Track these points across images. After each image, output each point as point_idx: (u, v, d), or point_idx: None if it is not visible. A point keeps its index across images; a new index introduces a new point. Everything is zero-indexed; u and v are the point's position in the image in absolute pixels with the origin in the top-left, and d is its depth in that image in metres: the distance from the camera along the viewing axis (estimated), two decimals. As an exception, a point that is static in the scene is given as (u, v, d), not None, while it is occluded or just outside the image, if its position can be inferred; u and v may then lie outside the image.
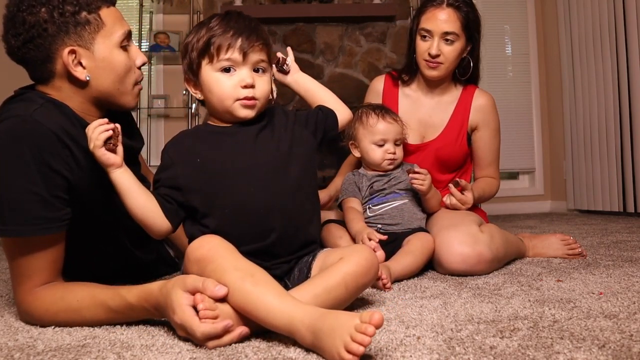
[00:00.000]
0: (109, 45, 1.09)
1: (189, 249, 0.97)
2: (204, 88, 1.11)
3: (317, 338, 0.79)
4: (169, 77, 3.87)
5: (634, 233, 2.29)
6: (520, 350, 0.80)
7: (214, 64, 1.07)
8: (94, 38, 1.07)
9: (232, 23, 1.08)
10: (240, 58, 1.07)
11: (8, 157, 0.98)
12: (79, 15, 1.05)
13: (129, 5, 3.91)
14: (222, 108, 1.10)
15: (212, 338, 0.84)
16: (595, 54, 3.46)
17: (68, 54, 1.05)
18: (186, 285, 0.88)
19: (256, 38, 1.08)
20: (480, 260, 1.41)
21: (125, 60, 1.12)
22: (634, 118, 3.17)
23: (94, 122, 1.02)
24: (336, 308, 0.98)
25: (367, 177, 1.62)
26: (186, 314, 0.86)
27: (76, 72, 1.06)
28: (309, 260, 1.11)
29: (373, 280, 1.06)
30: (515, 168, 4.08)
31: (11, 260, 1.04)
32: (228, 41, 1.06)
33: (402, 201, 1.57)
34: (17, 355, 0.85)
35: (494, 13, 4.08)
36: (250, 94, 1.07)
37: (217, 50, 1.06)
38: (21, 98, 1.06)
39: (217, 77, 1.08)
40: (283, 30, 3.62)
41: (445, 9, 1.63)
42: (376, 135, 1.58)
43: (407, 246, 1.47)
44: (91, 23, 1.07)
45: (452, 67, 1.70)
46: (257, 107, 1.10)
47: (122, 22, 1.13)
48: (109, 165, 1.02)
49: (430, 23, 1.64)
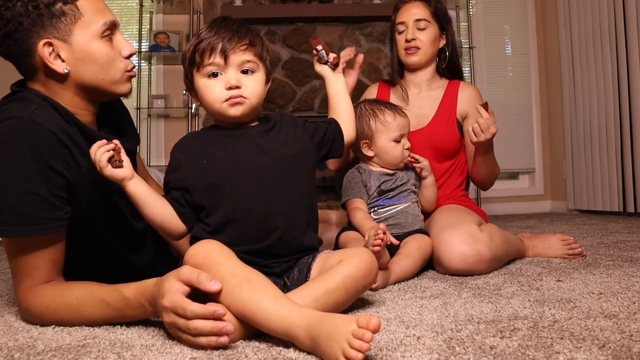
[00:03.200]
0: (87, 36, 1.07)
1: (186, 255, 0.98)
2: (198, 95, 1.13)
3: (315, 343, 0.79)
4: (169, 77, 3.88)
5: (634, 233, 2.29)
6: (520, 350, 0.80)
7: (200, 70, 1.10)
8: (71, 29, 1.05)
9: (215, 28, 1.10)
10: (223, 61, 1.08)
11: (8, 158, 0.98)
12: (54, 6, 1.03)
13: (129, 5, 3.91)
14: (213, 112, 1.13)
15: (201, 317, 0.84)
16: (595, 54, 3.46)
17: (43, 47, 1.03)
18: (180, 275, 0.88)
19: (238, 40, 1.09)
20: (480, 259, 1.41)
21: (107, 51, 1.09)
22: (634, 118, 3.17)
23: (93, 146, 1.01)
24: (336, 310, 0.98)
25: (374, 175, 1.59)
26: (176, 295, 0.86)
27: (54, 65, 1.05)
28: (308, 260, 1.11)
29: (373, 282, 1.06)
30: (515, 168, 4.08)
31: (12, 260, 1.04)
32: (210, 46, 1.08)
33: (406, 204, 1.57)
34: (17, 355, 0.85)
35: (494, 13, 4.08)
36: (234, 94, 1.09)
37: (201, 56, 1.09)
38: (17, 97, 1.06)
39: (205, 83, 1.11)
40: (283, 30, 3.62)
41: (414, 2, 1.81)
42: (395, 131, 1.57)
43: (404, 248, 1.46)
44: (67, 14, 1.04)
45: (430, 53, 1.80)
46: (248, 105, 1.11)
47: (104, 12, 1.10)
48: (121, 180, 1.02)
49: (403, 16, 1.81)
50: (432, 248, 1.48)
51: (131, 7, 3.89)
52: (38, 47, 1.03)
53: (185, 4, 3.79)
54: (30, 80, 1.10)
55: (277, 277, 1.11)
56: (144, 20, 3.75)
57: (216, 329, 0.84)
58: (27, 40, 1.03)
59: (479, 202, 3.73)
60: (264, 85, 1.14)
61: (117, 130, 1.22)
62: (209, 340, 0.84)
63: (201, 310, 0.84)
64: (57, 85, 1.08)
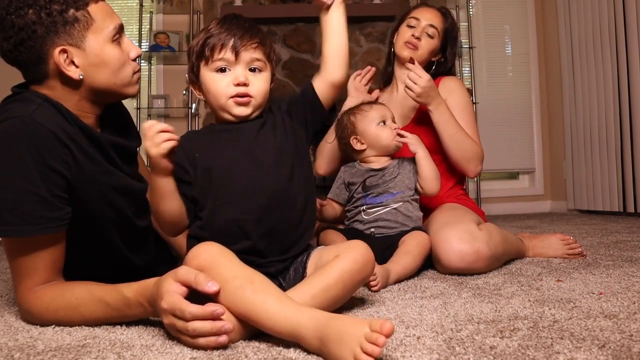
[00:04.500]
0: (100, 41, 1.08)
1: (187, 256, 0.98)
2: (203, 89, 1.14)
3: (324, 345, 0.78)
4: (169, 77, 3.88)
5: (634, 233, 2.29)
6: (520, 350, 0.80)
7: (209, 64, 1.11)
8: (85, 35, 1.06)
9: (226, 25, 1.11)
10: (233, 57, 1.09)
11: (7, 158, 0.98)
12: (67, 13, 1.03)
13: (129, 5, 3.91)
14: (218, 106, 1.13)
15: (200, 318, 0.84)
16: (595, 54, 3.46)
17: (59, 54, 1.04)
18: (177, 276, 0.88)
19: (249, 37, 1.10)
20: (478, 257, 1.42)
21: (119, 55, 1.11)
22: (634, 118, 3.17)
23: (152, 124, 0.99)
24: (334, 306, 0.99)
25: (360, 171, 1.62)
26: (174, 297, 0.86)
27: (69, 71, 1.05)
28: (303, 259, 1.11)
29: (370, 276, 1.07)
30: (515, 168, 4.08)
31: (12, 260, 1.04)
32: (221, 41, 1.09)
33: (397, 204, 1.56)
34: (17, 355, 0.85)
35: (494, 13, 4.08)
36: (241, 91, 1.10)
37: (211, 51, 1.10)
38: (18, 98, 1.06)
39: (212, 77, 1.11)
40: (283, 30, 3.62)
41: (435, 10, 1.85)
42: (376, 116, 1.61)
43: (403, 246, 1.46)
44: (80, 20, 1.05)
45: (424, 59, 1.82)
46: (254, 105, 1.12)
47: (112, 16, 1.11)
48: (167, 169, 1.03)
49: (420, 13, 1.84)
50: (430, 244, 1.48)
51: (131, 7, 3.89)
52: (54, 55, 1.03)
53: (185, 4, 3.79)
54: (37, 84, 1.10)
55: (272, 277, 1.09)
56: (144, 20, 3.74)
57: (215, 329, 0.84)
58: (40, 47, 1.03)
59: (478, 202, 3.73)
60: (269, 85, 1.15)
61: (119, 130, 1.22)
62: (208, 341, 0.84)
63: (199, 312, 0.84)
64: (67, 89, 1.09)
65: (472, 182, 3.81)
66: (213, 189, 1.09)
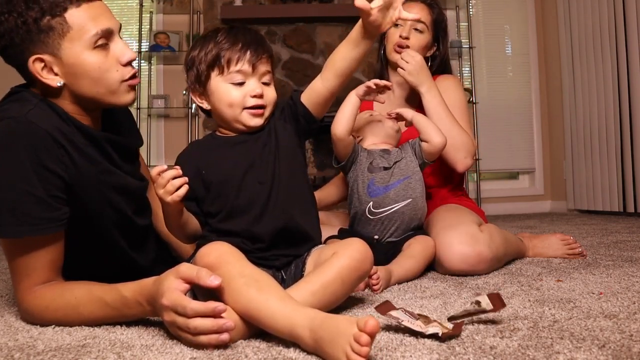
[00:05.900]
0: (77, 50, 1.03)
1: (197, 255, 0.99)
2: (213, 98, 1.16)
3: (319, 345, 0.79)
4: (169, 77, 3.88)
5: (634, 233, 2.30)
6: (520, 350, 0.80)
7: (224, 75, 1.14)
8: (60, 44, 1.02)
9: (239, 36, 1.14)
10: (250, 70, 1.13)
11: (4, 158, 0.98)
12: (42, 21, 1.01)
13: (129, 5, 3.91)
14: (231, 116, 1.15)
15: (201, 315, 0.84)
16: (595, 54, 3.47)
17: (33, 63, 1.02)
18: (179, 273, 0.88)
19: (263, 50, 1.15)
20: (480, 259, 1.42)
21: (99, 62, 1.05)
22: (634, 118, 3.17)
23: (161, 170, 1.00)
24: (334, 303, 1.01)
25: (369, 152, 1.57)
26: (175, 294, 0.86)
27: (47, 79, 1.04)
28: (304, 256, 1.14)
29: (368, 272, 1.08)
30: (515, 168, 4.09)
31: (11, 260, 1.04)
32: (237, 54, 1.12)
33: (405, 202, 1.52)
34: (17, 355, 0.85)
35: (494, 13, 4.09)
36: (259, 102, 1.14)
37: (227, 62, 1.13)
38: (15, 98, 1.06)
39: (227, 88, 1.14)
40: (283, 30, 3.62)
41: (420, 4, 1.79)
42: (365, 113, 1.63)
43: (408, 250, 1.46)
44: (55, 28, 1.01)
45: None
46: (265, 115, 1.16)
47: (96, 21, 1.05)
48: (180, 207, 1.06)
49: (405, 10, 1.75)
50: (435, 250, 1.47)
51: (131, 7, 3.89)
52: (29, 64, 1.02)
53: (185, 4, 3.79)
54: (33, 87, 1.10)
55: (277, 270, 1.13)
56: (144, 20, 3.75)
57: (216, 326, 0.84)
58: (20, 55, 1.02)
59: (478, 202, 3.73)
60: (276, 94, 1.19)
61: (120, 130, 1.22)
62: (209, 339, 0.84)
63: (201, 308, 0.84)
64: (52, 96, 1.08)
65: (472, 182, 3.82)
66: (222, 202, 1.13)
